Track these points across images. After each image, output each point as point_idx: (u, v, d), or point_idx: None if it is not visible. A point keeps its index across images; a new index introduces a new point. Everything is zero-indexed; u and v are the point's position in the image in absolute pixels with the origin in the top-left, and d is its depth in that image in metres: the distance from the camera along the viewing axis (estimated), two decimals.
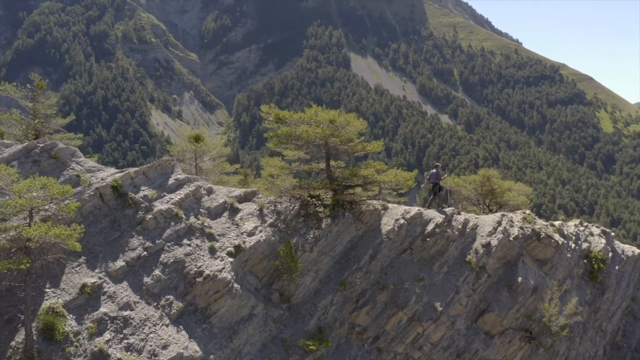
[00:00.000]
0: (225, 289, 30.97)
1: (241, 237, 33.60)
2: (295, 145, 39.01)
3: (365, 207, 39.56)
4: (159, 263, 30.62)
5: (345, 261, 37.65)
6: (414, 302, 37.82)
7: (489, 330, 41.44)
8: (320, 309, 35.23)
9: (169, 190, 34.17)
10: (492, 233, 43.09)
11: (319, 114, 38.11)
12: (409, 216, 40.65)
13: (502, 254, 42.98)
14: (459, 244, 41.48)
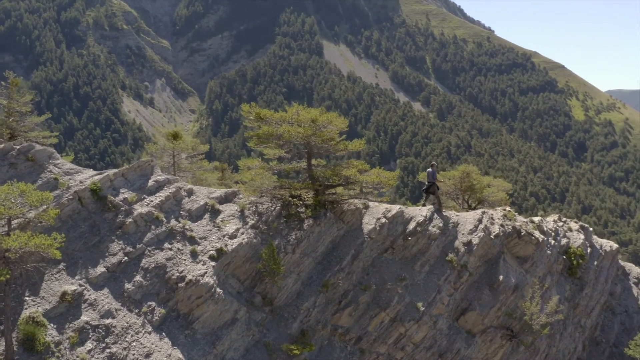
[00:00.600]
0: (208, 294, 30.47)
1: (223, 240, 33.08)
2: (275, 144, 38.52)
3: (347, 207, 39.23)
4: (140, 268, 30.04)
5: (327, 262, 37.30)
6: (396, 302, 37.58)
7: (471, 329, 41.32)
8: (303, 311, 34.87)
9: (148, 193, 33.58)
10: (473, 231, 42.88)
11: (300, 113, 37.67)
12: (390, 215, 40.36)
13: (483, 252, 42.81)
14: (440, 243, 41.24)
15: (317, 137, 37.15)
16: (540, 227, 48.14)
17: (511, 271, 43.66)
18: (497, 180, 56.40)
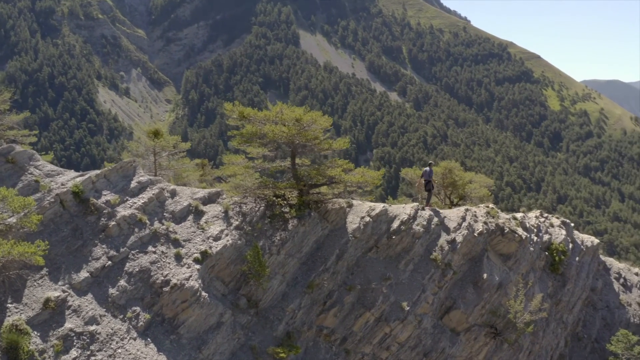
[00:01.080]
0: (193, 298, 30.05)
1: (207, 242, 32.64)
2: (259, 143, 38.08)
3: (331, 206, 38.93)
4: (124, 273, 29.52)
5: (311, 262, 37.02)
6: (381, 302, 37.46)
7: (455, 327, 41.33)
8: (288, 313, 34.56)
9: (131, 194, 33.02)
10: (457, 229, 42.84)
11: (284, 112, 37.29)
12: (374, 213, 40.15)
13: (467, 250, 42.80)
14: (424, 241, 41.13)
15: (301, 136, 36.77)
16: (523, 224, 48.20)
17: (495, 269, 43.65)
18: (479, 176, 56.34)
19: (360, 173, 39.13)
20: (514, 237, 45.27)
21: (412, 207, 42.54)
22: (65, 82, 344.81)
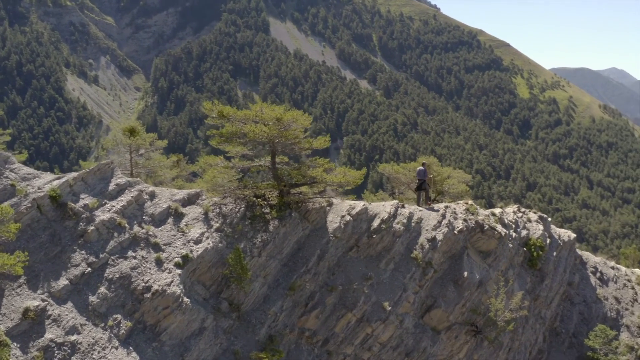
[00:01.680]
0: (175, 304, 29.46)
1: (188, 246, 32.02)
2: (238, 142, 37.48)
3: (312, 205, 38.46)
4: (104, 279, 28.83)
5: (292, 263, 36.56)
6: (363, 302, 37.13)
7: (436, 326, 41.11)
8: (270, 316, 34.10)
9: (110, 197, 32.25)
10: (437, 227, 42.56)
11: (264, 111, 36.62)
12: (354, 212, 39.74)
13: (447, 247, 42.56)
14: (404, 240, 40.82)
15: (282, 136, 36.24)
16: (502, 220, 48.07)
17: (475, 267, 43.48)
18: (457, 172, 56.12)
19: (342, 173, 38.70)
20: (494, 234, 45.11)
21: (392, 205, 42.18)
22: (33, 70, 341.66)
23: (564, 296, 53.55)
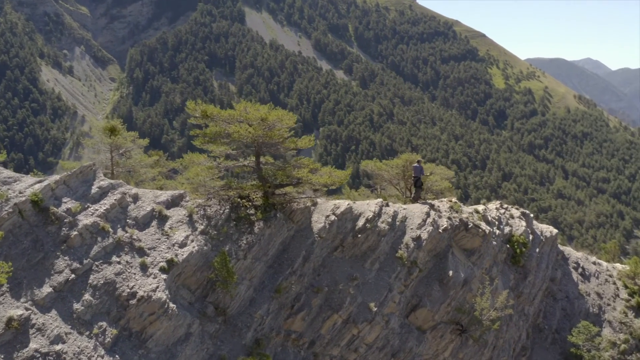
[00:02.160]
0: (161, 310, 28.91)
1: (173, 250, 31.42)
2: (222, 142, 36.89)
3: (296, 206, 38.03)
4: (89, 286, 28.15)
5: (278, 265, 36.14)
6: (349, 303, 36.93)
7: (421, 325, 41.03)
8: (256, 319, 33.70)
9: (92, 201, 31.53)
10: (422, 225, 42.39)
11: (249, 111, 36.08)
12: (339, 212, 39.42)
13: (432, 246, 42.43)
14: (389, 239, 40.62)
15: (267, 137, 35.71)
16: (485, 217, 47.99)
17: (460, 265, 43.38)
18: (440, 168, 55.97)
19: (328, 173, 38.21)
20: (478, 232, 45.00)
21: (377, 204, 41.91)
22: (7, 60, 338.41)
23: (547, 292, 53.64)
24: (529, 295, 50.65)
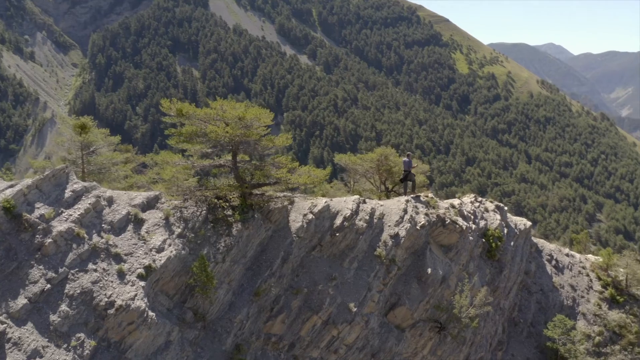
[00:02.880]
0: (140, 319, 28.00)
1: (150, 255, 30.43)
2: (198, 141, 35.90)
3: (274, 205, 37.21)
4: (65, 295, 27.08)
5: (256, 267, 35.41)
6: (328, 304, 36.49)
7: (400, 324, 40.68)
8: (236, 324, 33.02)
9: (66, 205, 30.34)
10: (400, 222, 41.92)
11: (226, 110, 35.08)
12: (316, 210, 38.78)
13: (410, 243, 41.99)
14: (367, 237, 40.14)
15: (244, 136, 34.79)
16: (461, 212, 47.74)
17: (438, 262, 43.03)
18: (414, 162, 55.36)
19: (307, 173, 37.31)
20: (455, 228, 44.70)
21: (354, 201, 41.34)
22: None
23: (522, 285, 53.59)
24: (505, 289, 50.48)
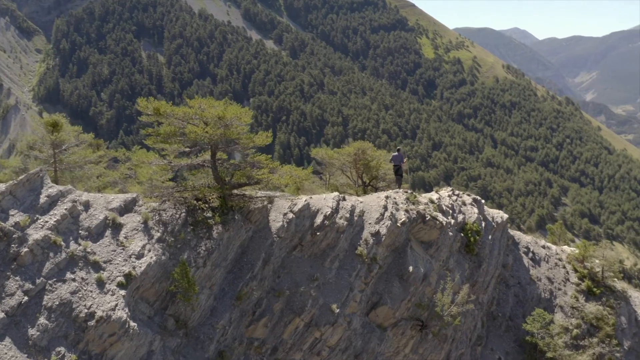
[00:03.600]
0: (122, 330, 27.00)
1: (130, 262, 29.36)
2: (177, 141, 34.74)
3: (254, 205, 36.29)
4: (43, 308, 25.95)
5: (237, 270, 34.53)
6: (310, 305, 35.87)
7: (382, 323, 40.21)
8: (219, 330, 32.13)
9: (41, 212, 29.12)
10: (380, 220, 41.36)
11: (204, 109, 33.96)
12: (296, 209, 37.95)
13: (391, 241, 41.46)
14: (348, 235, 39.49)
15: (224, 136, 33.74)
16: (440, 207, 47.26)
17: (419, 259, 42.55)
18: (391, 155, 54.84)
19: (288, 173, 36.35)
20: (435, 224, 44.20)
21: (334, 198, 40.59)
22: None
23: (499, 279, 53.29)
24: (483, 284, 50.14)
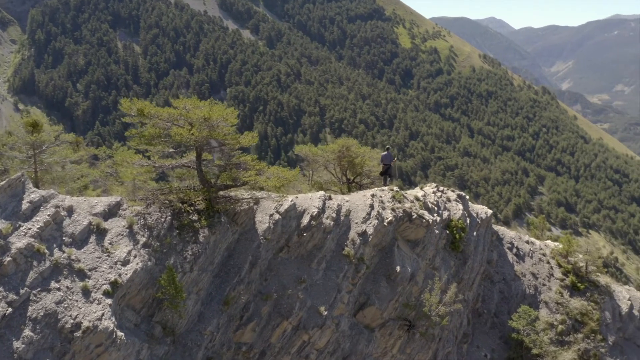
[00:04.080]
0: (109, 341, 26.27)
1: (115, 269, 28.56)
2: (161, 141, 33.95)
3: (239, 207, 35.60)
4: (28, 319, 25.14)
5: (224, 273, 33.93)
6: (298, 308, 35.52)
7: (369, 323, 40.03)
8: (207, 336, 31.55)
9: (24, 218, 28.21)
10: (367, 219, 41.03)
11: (190, 110, 33.17)
12: (282, 210, 37.47)
13: (378, 240, 41.20)
14: (335, 235, 39.12)
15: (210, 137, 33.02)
16: (426, 204, 46.97)
17: (406, 259, 42.27)
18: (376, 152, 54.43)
19: (276, 175, 35.58)
20: (422, 222, 43.92)
21: (320, 198, 40.10)
22: None
23: (484, 275, 53.19)
24: (469, 281, 50.00)
